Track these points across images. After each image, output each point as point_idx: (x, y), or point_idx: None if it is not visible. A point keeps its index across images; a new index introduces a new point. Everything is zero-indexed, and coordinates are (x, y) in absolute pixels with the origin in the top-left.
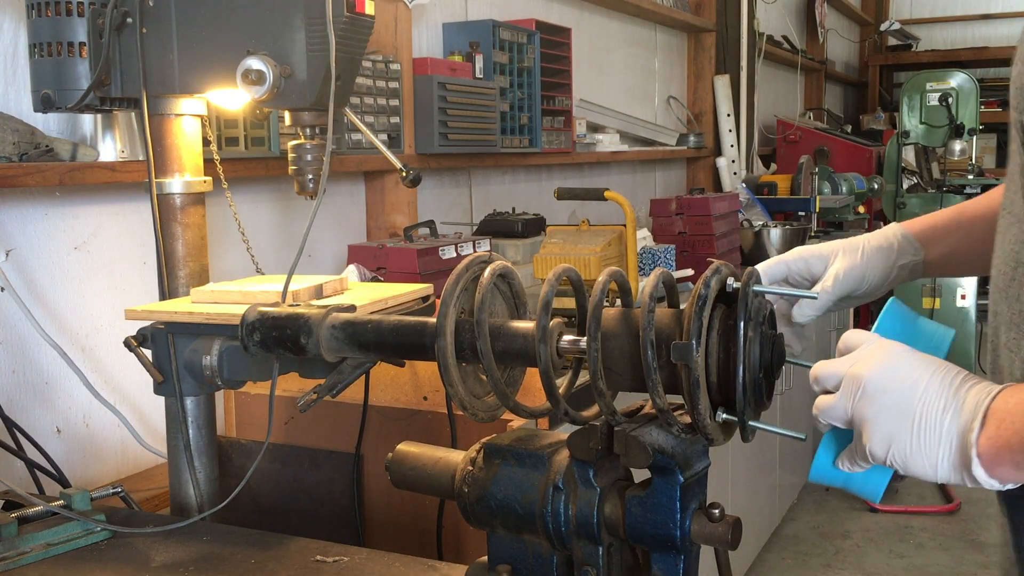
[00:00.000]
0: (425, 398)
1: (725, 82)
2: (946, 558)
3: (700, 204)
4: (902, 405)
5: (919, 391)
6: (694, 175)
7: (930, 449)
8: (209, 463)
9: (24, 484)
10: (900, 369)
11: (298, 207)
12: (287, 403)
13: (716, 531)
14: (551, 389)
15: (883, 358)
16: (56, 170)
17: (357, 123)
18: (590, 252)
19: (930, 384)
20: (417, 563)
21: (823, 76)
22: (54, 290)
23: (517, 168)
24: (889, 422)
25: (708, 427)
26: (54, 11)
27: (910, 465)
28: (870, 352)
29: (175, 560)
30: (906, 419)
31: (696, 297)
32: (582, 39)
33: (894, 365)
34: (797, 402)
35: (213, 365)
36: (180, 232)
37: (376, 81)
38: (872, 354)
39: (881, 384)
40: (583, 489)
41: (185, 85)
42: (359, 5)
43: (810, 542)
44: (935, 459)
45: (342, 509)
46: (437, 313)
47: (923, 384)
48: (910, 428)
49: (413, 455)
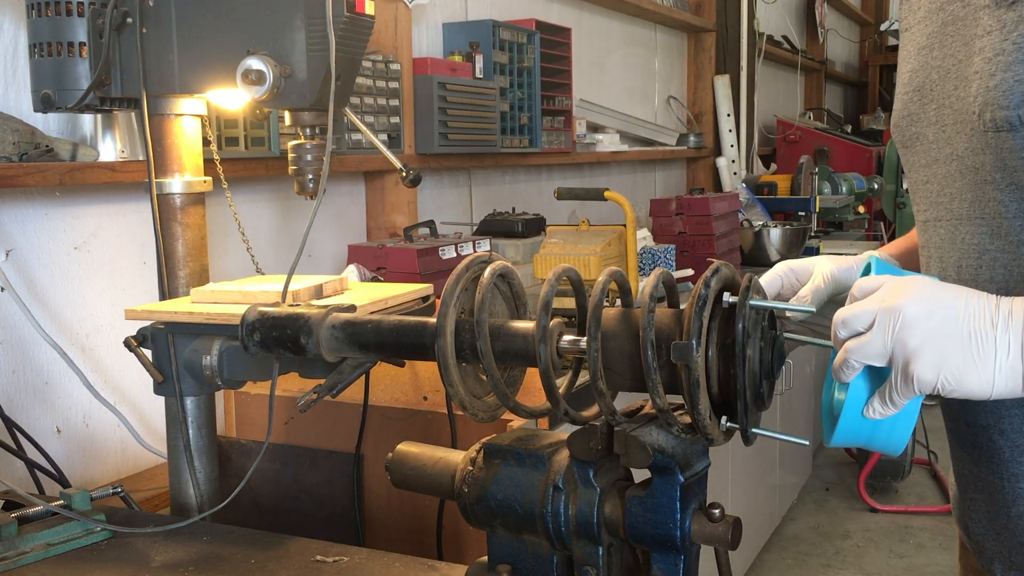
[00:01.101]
0: (425, 398)
1: (725, 82)
2: (946, 558)
3: (700, 204)
4: (947, 328)
5: (962, 311)
6: (694, 175)
7: (986, 363)
8: (209, 463)
9: (24, 484)
10: (936, 295)
11: (298, 207)
12: (287, 403)
13: (716, 531)
14: (551, 389)
15: (914, 288)
16: (56, 170)
17: (357, 123)
18: (590, 252)
19: (969, 304)
20: (417, 563)
21: (823, 76)
22: (54, 290)
23: (517, 168)
24: (938, 345)
25: (708, 427)
26: (54, 11)
27: (964, 383)
28: (898, 285)
29: (175, 560)
30: (955, 339)
31: (696, 297)
32: (582, 39)
33: (928, 293)
34: (797, 402)
35: (213, 365)
36: (180, 232)
37: (376, 81)
38: (901, 286)
39: (921, 311)
40: (583, 489)
41: (185, 85)
42: (359, 5)
43: (810, 542)
44: (991, 372)
45: (342, 509)
46: (437, 313)
47: (962, 305)
48: (961, 347)
49: (413, 455)
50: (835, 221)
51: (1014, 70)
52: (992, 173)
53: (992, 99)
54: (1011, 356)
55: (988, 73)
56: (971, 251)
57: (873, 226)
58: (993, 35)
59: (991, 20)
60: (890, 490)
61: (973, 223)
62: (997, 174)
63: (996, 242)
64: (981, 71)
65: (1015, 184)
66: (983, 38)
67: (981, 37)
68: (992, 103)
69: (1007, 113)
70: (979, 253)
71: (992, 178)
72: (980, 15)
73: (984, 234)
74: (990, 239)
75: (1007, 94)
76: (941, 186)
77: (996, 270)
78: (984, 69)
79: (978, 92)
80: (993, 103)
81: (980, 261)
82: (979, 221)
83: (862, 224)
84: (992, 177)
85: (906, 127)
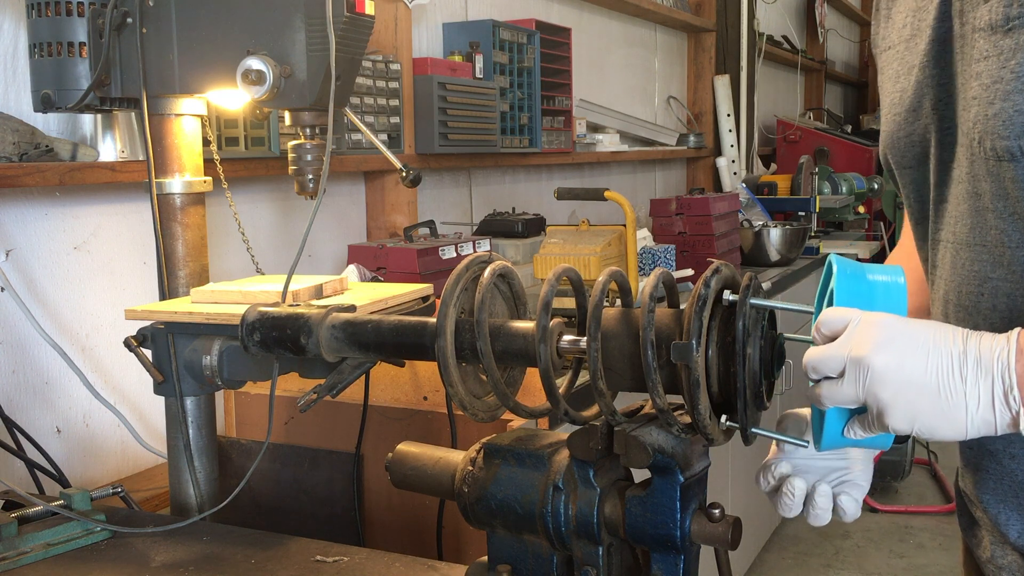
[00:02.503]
0: (425, 398)
1: (725, 82)
2: (946, 558)
3: (700, 204)
4: (916, 378)
5: (931, 361)
6: (694, 175)
7: (957, 416)
8: (209, 463)
9: (24, 484)
10: (903, 341)
11: (298, 207)
12: (287, 403)
13: (716, 531)
14: (551, 389)
15: (881, 333)
16: (56, 170)
17: (357, 123)
18: (590, 252)
19: (938, 349)
20: (417, 563)
21: (823, 76)
22: (54, 290)
23: (517, 168)
24: (909, 399)
25: (708, 427)
26: (54, 11)
27: (938, 433)
28: (865, 328)
29: (175, 560)
30: (925, 393)
31: (696, 297)
32: (582, 39)
33: (895, 337)
34: (797, 402)
35: (213, 365)
36: (180, 232)
37: (376, 81)
38: (868, 329)
39: (891, 363)
40: (583, 489)
41: (185, 85)
42: (359, 5)
43: (810, 542)
44: (963, 424)
45: (342, 509)
46: (437, 313)
47: (931, 350)
48: (932, 402)
49: (413, 455)
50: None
51: (1013, 99)
52: (993, 201)
53: (991, 128)
54: (981, 408)
55: (987, 101)
56: (972, 278)
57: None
58: (990, 61)
59: (987, 45)
60: (890, 490)
61: (973, 249)
62: (999, 203)
63: (998, 271)
64: (979, 97)
65: (1017, 214)
66: (980, 63)
67: (978, 61)
68: (991, 132)
69: (1007, 143)
70: (980, 281)
71: (993, 206)
72: (976, 38)
73: (985, 262)
74: (991, 267)
75: (1007, 124)
76: (941, 210)
77: (999, 299)
78: (982, 96)
79: (977, 119)
80: (993, 132)
81: (982, 289)
82: (980, 248)
83: (862, 224)
84: (993, 205)
85: (905, 148)
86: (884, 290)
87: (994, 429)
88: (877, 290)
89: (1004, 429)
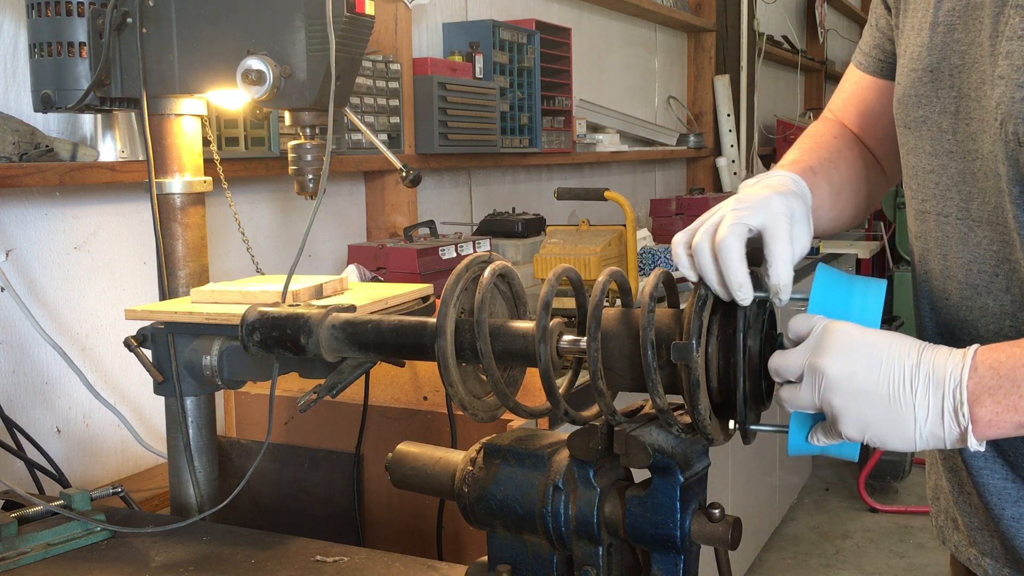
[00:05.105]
0: (425, 398)
1: (725, 82)
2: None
3: (700, 204)
4: (868, 388)
5: (883, 372)
6: (694, 175)
7: (906, 427)
8: (209, 463)
9: (24, 484)
10: (859, 351)
11: (298, 207)
12: (287, 403)
13: (716, 531)
14: (551, 389)
15: (838, 343)
16: (56, 170)
17: (357, 123)
18: (590, 252)
19: (892, 360)
20: (417, 563)
21: (823, 76)
22: (54, 290)
23: (517, 168)
24: (860, 408)
25: (708, 427)
26: (54, 11)
27: (888, 443)
28: (824, 339)
29: (175, 560)
30: (876, 402)
31: (696, 297)
32: (582, 39)
33: (853, 347)
34: None
35: (213, 365)
36: (180, 232)
37: (376, 81)
38: (827, 341)
39: (843, 371)
40: (583, 489)
41: (185, 85)
42: (359, 5)
43: (810, 542)
44: (912, 436)
45: (342, 509)
46: (437, 313)
47: (884, 361)
48: (882, 412)
49: (413, 455)
50: None
51: None
52: (1009, 185)
53: (1017, 112)
54: (930, 422)
55: (1016, 83)
56: (987, 257)
57: (873, 226)
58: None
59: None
60: (890, 490)
61: (993, 228)
62: (1015, 187)
63: (1016, 254)
64: (1007, 78)
65: None
66: (1012, 40)
67: (1010, 39)
68: (1016, 116)
69: None
70: (997, 261)
71: (1009, 190)
72: (1011, 12)
73: (1003, 242)
74: (1009, 249)
75: None
76: (954, 181)
77: (1013, 281)
78: (1011, 77)
79: (1001, 99)
80: (1018, 116)
81: (997, 270)
82: (1000, 228)
83: (862, 224)
84: (1009, 189)
85: (912, 107)
86: (861, 300)
87: (943, 443)
88: (853, 300)
89: (953, 444)
